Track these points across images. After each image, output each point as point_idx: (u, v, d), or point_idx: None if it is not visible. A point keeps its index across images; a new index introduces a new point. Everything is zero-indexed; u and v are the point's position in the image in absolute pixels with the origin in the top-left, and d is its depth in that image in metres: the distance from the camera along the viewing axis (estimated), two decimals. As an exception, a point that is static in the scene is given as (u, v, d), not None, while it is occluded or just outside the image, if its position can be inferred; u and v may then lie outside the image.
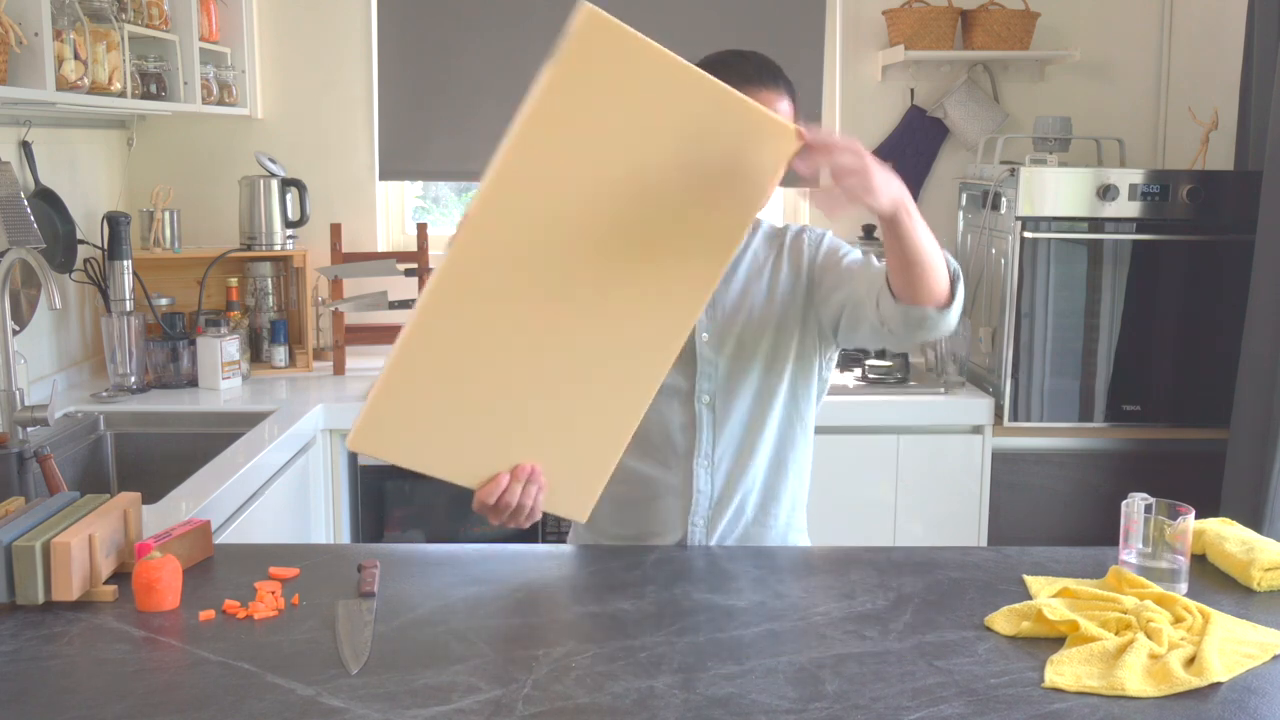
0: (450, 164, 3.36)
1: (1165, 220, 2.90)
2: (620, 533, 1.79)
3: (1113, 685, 1.20)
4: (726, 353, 1.73)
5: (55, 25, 2.22)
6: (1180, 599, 1.38)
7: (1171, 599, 1.38)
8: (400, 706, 1.16)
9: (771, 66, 1.69)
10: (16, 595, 1.38)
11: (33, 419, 2.18)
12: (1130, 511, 1.50)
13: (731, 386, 1.73)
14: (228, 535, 2.07)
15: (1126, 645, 1.26)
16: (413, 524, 2.96)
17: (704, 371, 1.73)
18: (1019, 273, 2.91)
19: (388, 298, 3.14)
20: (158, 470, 2.58)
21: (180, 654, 1.28)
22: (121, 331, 2.81)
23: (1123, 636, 1.29)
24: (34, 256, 2.14)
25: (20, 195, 2.33)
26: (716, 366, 1.73)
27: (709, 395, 1.73)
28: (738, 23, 3.30)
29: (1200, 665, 1.23)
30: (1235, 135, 3.03)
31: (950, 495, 2.94)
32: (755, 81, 1.63)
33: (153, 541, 1.49)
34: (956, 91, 3.35)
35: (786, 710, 1.16)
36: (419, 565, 1.56)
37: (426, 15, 3.27)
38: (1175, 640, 1.29)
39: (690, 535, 1.75)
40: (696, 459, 1.74)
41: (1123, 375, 2.96)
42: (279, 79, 3.30)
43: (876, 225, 3.26)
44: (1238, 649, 1.29)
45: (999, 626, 1.35)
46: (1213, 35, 3.22)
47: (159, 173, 3.26)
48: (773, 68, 1.69)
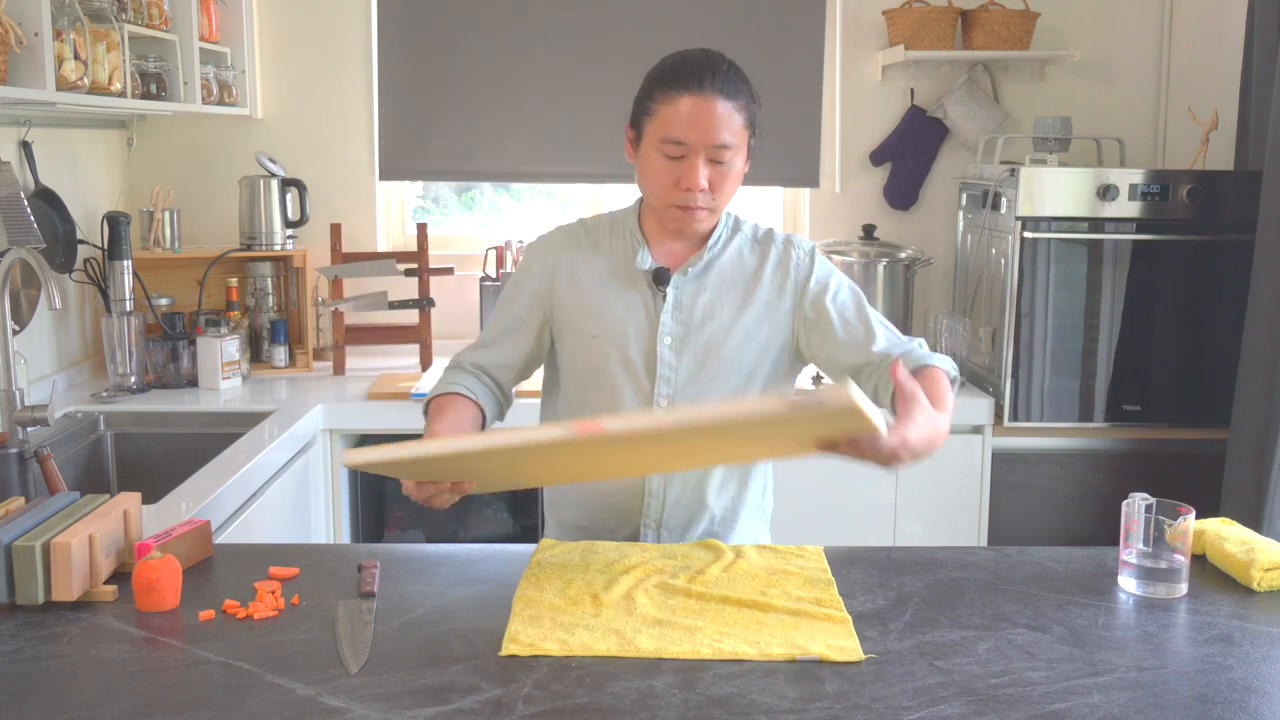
0: (450, 164, 3.35)
1: (1165, 220, 2.90)
2: (582, 524, 1.80)
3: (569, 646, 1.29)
4: (688, 357, 1.73)
5: (55, 25, 2.22)
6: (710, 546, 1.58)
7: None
8: (400, 706, 1.16)
9: (734, 78, 1.68)
10: (16, 595, 1.38)
11: (33, 419, 2.18)
12: (1130, 511, 1.50)
13: (692, 392, 1.72)
14: (228, 535, 2.07)
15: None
16: (413, 524, 2.96)
17: (663, 375, 1.72)
18: (1019, 273, 2.91)
19: (388, 298, 3.14)
20: (158, 470, 2.58)
21: (180, 654, 1.28)
22: (121, 331, 2.81)
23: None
24: (34, 256, 2.14)
25: (20, 195, 2.33)
26: (676, 371, 1.72)
27: (666, 399, 1.72)
28: (738, 23, 3.30)
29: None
30: (1235, 135, 3.03)
31: (950, 495, 2.94)
32: (711, 91, 1.64)
33: (153, 541, 1.49)
34: (956, 91, 3.35)
35: (786, 710, 1.16)
36: (419, 565, 1.56)
37: (426, 15, 3.27)
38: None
39: (643, 535, 1.76)
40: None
41: (1123, 375, 2.96)
42: (279, 79, 3.30)
43: (876, 226, 3.27)
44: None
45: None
46: (1213, 35, 3.22)
47: (159, 173, 3.26)
48: (735, 81, 1.68)
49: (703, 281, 1.75)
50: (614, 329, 1.73)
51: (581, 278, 1.77)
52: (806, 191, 3.47)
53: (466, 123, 3.31)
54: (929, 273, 3.38)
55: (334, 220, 3.22)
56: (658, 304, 1.74)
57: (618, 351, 1.73)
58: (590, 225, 1.83)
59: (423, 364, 3.19)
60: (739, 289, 1.75)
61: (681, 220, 1.70)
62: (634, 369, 1.73)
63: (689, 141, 1.64)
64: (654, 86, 1.68)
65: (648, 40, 3.30)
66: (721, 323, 1.73)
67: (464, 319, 3.42)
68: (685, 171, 1.65)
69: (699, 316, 1.73)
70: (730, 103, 1.65)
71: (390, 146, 3.32)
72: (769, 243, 1.80)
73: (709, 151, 1.64)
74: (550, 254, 1.80)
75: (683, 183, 1.66)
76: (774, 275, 1.76)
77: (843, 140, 3.42)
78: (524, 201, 3.68)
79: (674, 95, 1.64)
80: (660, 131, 1.65)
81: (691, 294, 1.74)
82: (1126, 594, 1.49)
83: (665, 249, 1.77)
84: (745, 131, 1.68)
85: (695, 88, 1.63)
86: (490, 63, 3.29)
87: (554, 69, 3.30)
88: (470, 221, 3.69)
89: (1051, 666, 1.27)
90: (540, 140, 3.33)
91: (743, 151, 1.70)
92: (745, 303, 1.75)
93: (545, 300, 1.78)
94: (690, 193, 1.66)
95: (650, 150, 1.68)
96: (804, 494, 2.85)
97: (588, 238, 1.81)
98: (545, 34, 3.29)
